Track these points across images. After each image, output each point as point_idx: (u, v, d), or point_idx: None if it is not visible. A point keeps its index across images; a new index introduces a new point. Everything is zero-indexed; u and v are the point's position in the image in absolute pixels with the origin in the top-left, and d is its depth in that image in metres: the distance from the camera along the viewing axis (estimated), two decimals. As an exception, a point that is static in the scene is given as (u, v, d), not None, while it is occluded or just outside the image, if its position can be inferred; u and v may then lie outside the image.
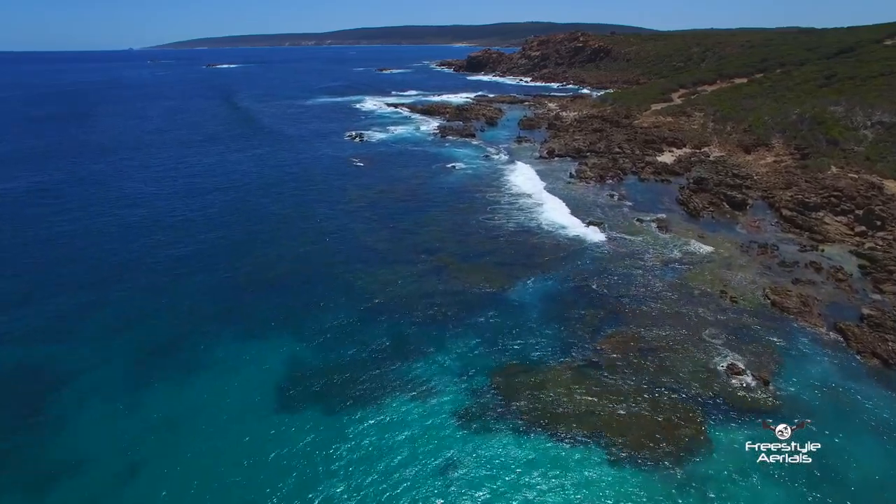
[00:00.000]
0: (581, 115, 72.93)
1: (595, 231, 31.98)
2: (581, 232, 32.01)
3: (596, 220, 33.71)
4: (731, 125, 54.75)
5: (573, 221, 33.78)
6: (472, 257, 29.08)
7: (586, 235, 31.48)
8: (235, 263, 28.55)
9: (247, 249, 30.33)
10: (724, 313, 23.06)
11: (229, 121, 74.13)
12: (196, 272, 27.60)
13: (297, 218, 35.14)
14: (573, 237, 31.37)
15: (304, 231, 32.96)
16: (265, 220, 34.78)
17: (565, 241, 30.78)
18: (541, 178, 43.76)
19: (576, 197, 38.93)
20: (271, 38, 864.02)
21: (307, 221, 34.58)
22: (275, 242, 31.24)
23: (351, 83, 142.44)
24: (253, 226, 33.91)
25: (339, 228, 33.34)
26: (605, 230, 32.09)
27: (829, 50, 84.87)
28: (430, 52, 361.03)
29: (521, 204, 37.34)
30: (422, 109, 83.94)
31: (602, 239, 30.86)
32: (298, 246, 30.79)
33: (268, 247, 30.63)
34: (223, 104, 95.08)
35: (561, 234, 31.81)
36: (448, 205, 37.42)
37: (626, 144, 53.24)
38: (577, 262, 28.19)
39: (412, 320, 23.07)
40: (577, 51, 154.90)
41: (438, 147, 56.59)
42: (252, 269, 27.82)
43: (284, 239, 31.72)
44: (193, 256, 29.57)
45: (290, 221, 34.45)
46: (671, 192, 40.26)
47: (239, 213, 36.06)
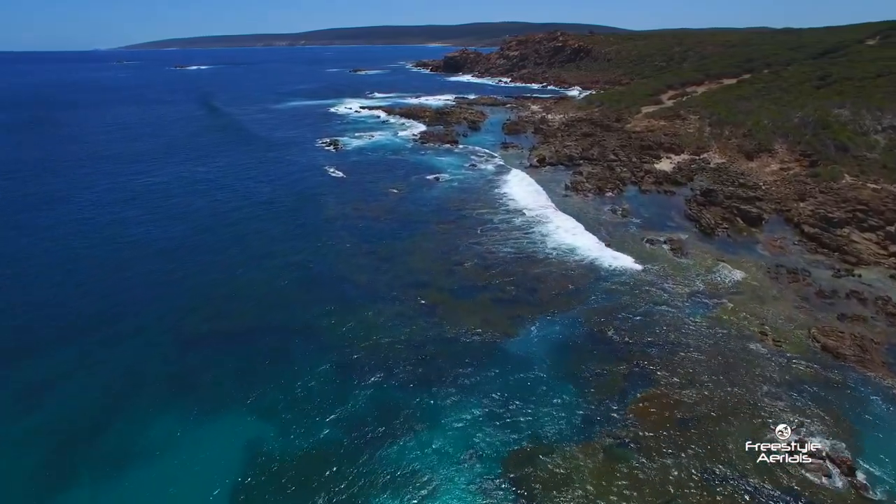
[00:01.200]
0: (568, 118, 69.48)
1: (603, 257, 28.11)
2: (587, 258, 28.12)
3: (602, 243, 29.85)
4: (730, 129, 51.76)
5: (577, 244, 29.88)
6: (467, 292, 24.91)
7: (594, 262, 27.59)
8: (183, 311, 23.75)
9: (198, 291, 25.50)
10: (770, 362, 19.36)
11: (191, 129, 68.21)
12: (131, 325, 22.67)
13: (261, 247, 30.38)
14: (579, 265, 27.45)
15: (268, 264, 28.27)
16: (222, 252, 29.93)
17: (571, 270, 26.83)
18: (534, 190, 39.84)
19: (575, 214, 35.08)
20: (244, 39, 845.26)
21: (273, 251, 29.87)
22: (232, 281, 26.47)
23: (325, 85, 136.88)
24: (207, 258, 29.00)
25: (311, 258, 28.77)
26: (614, 255, 28.24)
27: (814, 50, 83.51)
28: (405, 53, 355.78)
29: (516, 223, 33.32)
30: (400, 113, 79.48)
31: (613, 266, 27.00)
32: (262, 283, 26.15)
33: (224, 286, 25.85)
34: (186, 110, 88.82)
35: (565, 262, 27.85)
36: (435, 225, 33.16)
37: (620, 151, 49.76)
38: (587, 297, 24.25)
39: (400, 382, 18.77)
40: (557, 50, 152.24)
41: (419, 155, 52.28)
42: (204, 318, 23.07)
43: (245, 275, 26.99)
44: (129, 304, 24.63)
45: (253, 252, 29.65)
46: (678, 206, 36.76)
47: (191, 245, 30.93)
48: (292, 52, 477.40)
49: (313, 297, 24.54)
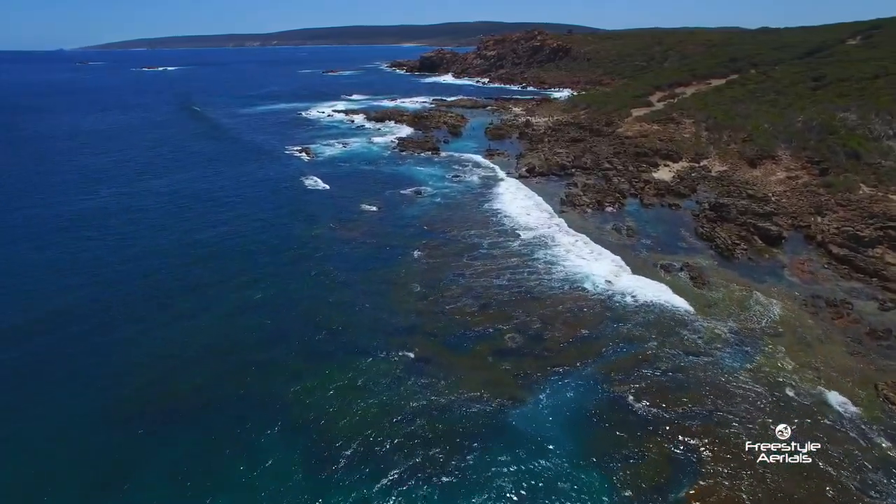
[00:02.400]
0: (553, 122, 65.93)
1: (615, 290, 24.25)
2: (598, 293, 24.22)
3: (612, 273, 26.00)
4: (728, 134, 48.79)
5: (583, 274, 25.98)
6: (460, 341, 20.74)
7: (606, 298, 23.71)
8: (112, 377, 19.03)
9: (133, 351, 20.75)
10: (843, 436, 15.69)
11: (146, 140, 61.73)
12: (37, 405, 17.82)
13: (215, 286, 25.57)
14: (589, 302, 23.53)
15: (222, 307, 23.57)
16: (168, 294, 25.10)
17: (580, 309, 22.89)
18: (527, 206, 35.89)
19: (573, 234, 31.24)
20: (214, 39, 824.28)
21: (229, 290, 25.15)
22: (179, 334, 21.72)
23: (296, 87, 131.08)
24: (143, 307, 24.17)
25: (276, 298, 24.16)
26: (628, 288, 24.40)
27: (799, 50, 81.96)
28: (379, 53, 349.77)
29: (511, 247, 29.27)
30: (375, 117, 74.85)
31: (628, 304, 23.16)
32: (214, 332, 21.50)
33: (166, 342, 21.07)
34: (144, 116, 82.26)
35: (572, 298, 23.91)
36: (418, 250, 28.89)
37: (615, 158, 46.26)
38: (603, 345, 20.33)
39: (387, 482, 14.47)
40: (535, 50, 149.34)
41: (398, 165, 47.89)
42: (139, 388, 18.36)
43: (193, 323, 22.26)
44: (44, 369, 19.75)
45: (205, 294, 24.83)
46: (686, 222, 33.28)
47: (125, 292, 25.92)
48: (264, 53, 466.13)
49: (279, 354, 20.02)
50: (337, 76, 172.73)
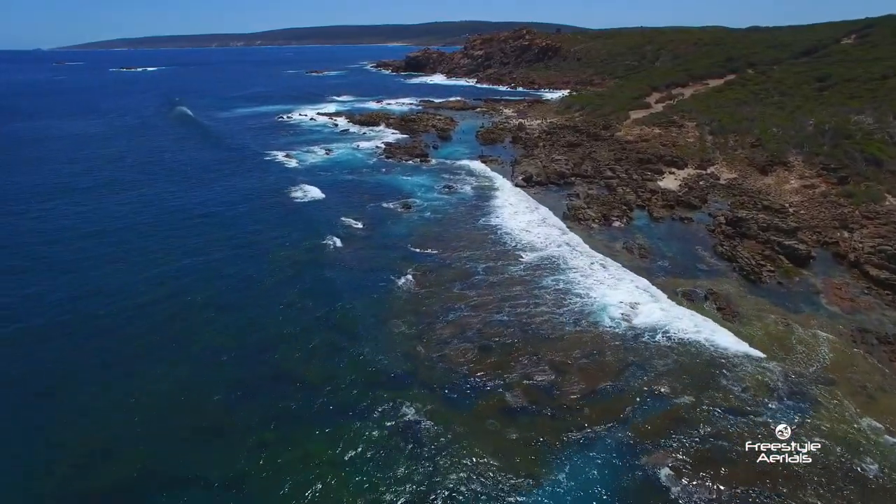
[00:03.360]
0: (547, 125, 62.90)
1: (636, 327, 21.08)
2: (615, 330, 21.03)
3: (628, 303, 22.84)
4: (734, 138, 46.07)
5: (596, 305, 22.80)
6: (460, 396, 17.41)
7: (626, 338, 20.54)
8: (34, 451, 15.41)
9: (64, 412, 17.09)
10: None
11: (113, 148, 56.61)
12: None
13: (169, 326, 21.93)
14: (606, 341, 20.33)
15: (176, 353, 19.96)
16: (112, 344, 21.44)
17: (597, 351, 19.68)
18: (528, 221, 32.65)
19: (581, 254, 28.08)
20: (197, 39, 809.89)
21: (186, 328, 21.54)
22: (122, 392, 18.06)
23: (279, 88, 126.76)
24: (86, 351, 20.42)
25: (241, 339, 20.58)
26: (650, 324, 21.25)
27: (795, 49, 79.93)
28: (364, 53, 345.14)
29: (512, 273, 25.98)
30: (360, 120, 71.25)
31: (652, 343, 20.01)
32: (165, 388, 17.88)
33: (107, 404, 17.42)
34: (115, 121, 77.48)
35: (584, 337, 20.70)
36: (407, 275, 25.48)
37: (617, 166, 43.26)
38: (626, 401, 17.12)
39: None
40: (524, 49, 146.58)
41: (384, 174, 44.42)
42: (66, 469, 14.80)
43: (141, 377, 18.63)
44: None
45: (156, 335, 21.15)
46: (702, 238, 30.31)
47: (57, 337, 22.24)
48: (248, 53, 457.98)
49: (243, 417, 16.47)
50: (321, 77, 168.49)
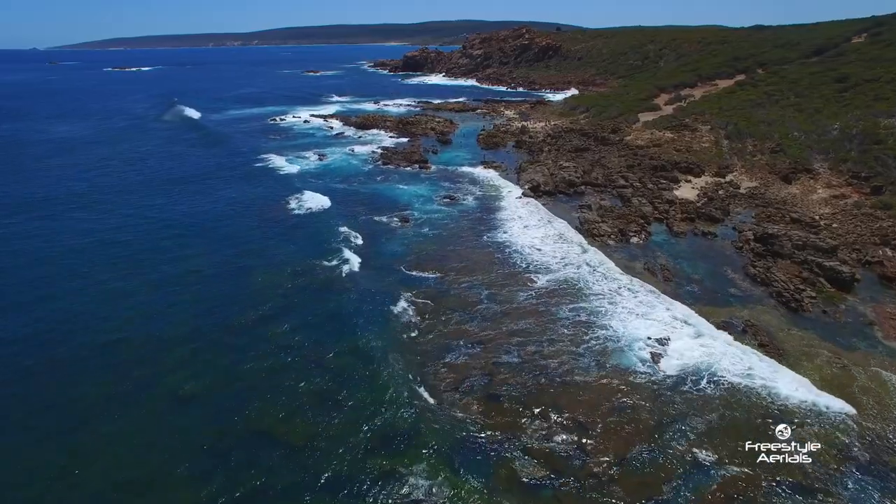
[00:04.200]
0: (551, 127, 60.12)
1: (667, 371, 18.26)
2: (645, 372, 18.24)
3: (657, 339, 20.03)
4: (753, 143, 43.36)
5: (623, 340, 19.99)
6: (469, 461, 14.58)
7: (657, 381, 17.75)
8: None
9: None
10: None
11: (95, 154, 53.18)
12: None
13: (128, 375, 19.05)
14: (635, 389, 17.54)
15: (133, 410, 17.13)
16: (60, 401, 18.59)
17: (625, 404, 16.88)
18: (540, 237, 29.82)
19: (604, 277, 25.27)
20: (194, 39, 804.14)
21: (147, 377, 18.69)
22: (68, 459, 15.21)
23: (273, 89, 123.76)
24: (22, 412, 17.58)
25: (210, 390, 17.72)
26: (686, 366, 18.46)
27: (805, 48, 77.22)
28: (362, 52, 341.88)
29: (522, 301, 23.14)
30: (356, 123, 68.37)
31: (691, 391, 17.21)
32: (121, 455, 15.08)
33: (45, 481, 14.63)
34: (101, 125, 74.32)
35: (611, 384, 17.90)
36: (403, 303, 22.64)
37: (629, 173, 40.48)
38: (666, 471, 14.31)
39: None
40: (524, 49, 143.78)
41: (380, 182, 41.58)
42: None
43: (92, 444, 15.79)
44: None
45: (116, 387, 18.29)
46: (729, 257, 27.54)
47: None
48: (244, 53, 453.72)
49: (211, 495, 13.71)
50: (318, 77, 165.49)
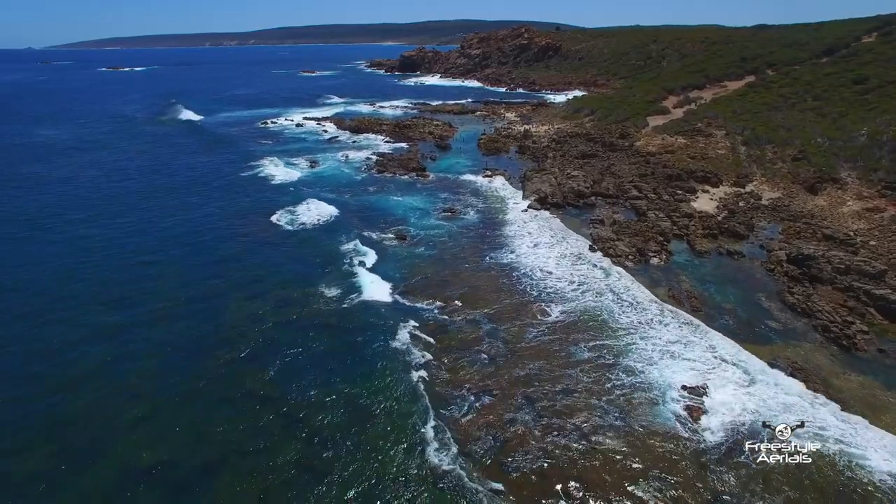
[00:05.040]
0: (555, 131, 57.40)
1: (716, 430, 15.50)
2: (687, 436, 15.47)
3: (693, 390, 17.27)
4: (772, 150, 40.68)
5: (657, 388, 17.25)
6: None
7: (702, 445, 14.99)
8: None
9: None
10: None
11: (69, 163, 50.15)
12: None
13: (75, 433, 16.18)
14: (673, 458, 14.79)
15: (76, 475, 14.32)
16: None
17: (658, 475, 14.16)
18: (551, 257, 27.04)
19: (630, 306, 22.51)
20: (191, 38, 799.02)
21: (95, 436, 15.85)
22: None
23: (267, 90, 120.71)
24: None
25: (174, 447, 14.98)
26: (736, 419, 15.71)
27: (815, 48, 74.66)
28: (359, 52, 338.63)
29: (535, 337, 20.39)
30: (350, 126, 65.45)
31: (746, 461, 14.47)
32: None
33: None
34: (83, 128, 71.07)
35: (642, 450, 15.16)
36: (397, 342, 19.88)
37: (643, 183, 37.76)
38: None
39: None
40: (523, 48, 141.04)
41: (374, 194, 38.74)
42: None
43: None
44: None
45: (59, 452, 15.42)
46: (760, 281, 24.84)
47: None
48: (241, 53, 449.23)
49: None
50: (313, 77, 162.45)
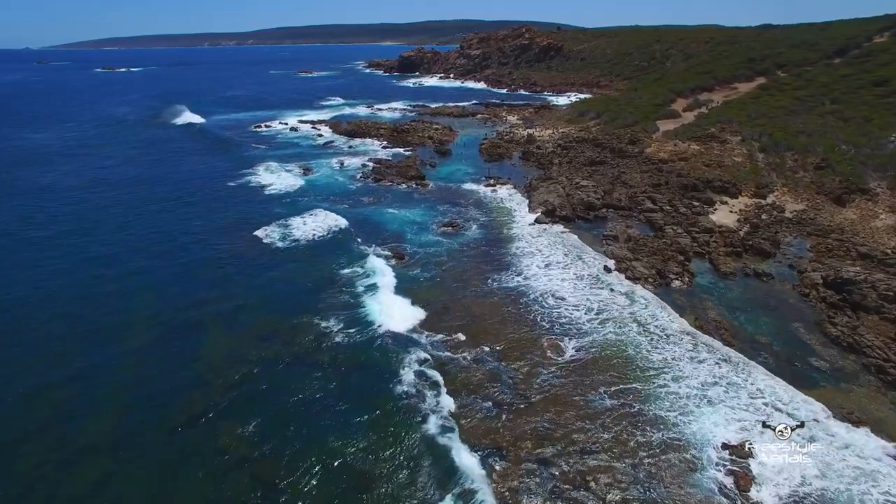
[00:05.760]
0: (559, 136, 55.04)
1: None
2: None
3: (737, 450, 14.90)
4: (793, 158, 38.33)
5: (690, 447, 14.88)
6: None
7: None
8: None
9: None
10: None
11: (42, 172, 47.99)
12: None
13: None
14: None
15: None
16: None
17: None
18: (566, 279, 24.63)
19: (658, 337, 20.13)
20: (189, 39, 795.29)
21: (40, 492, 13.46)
22: None
23: (262, 91, 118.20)
24: None
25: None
26: (805, 489, 13.35)
27: (827, 48, 72.33)
28: (357, 52, 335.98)
29: (541, 381, 18.01)
30: (347, 130, 63.00)
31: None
32: None
33: None
34: (69, 132, 68.25)
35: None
36: (394, 394, 17.51)
37: (656, 193, 35.40)
38: None
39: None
40: (523, 49, 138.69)
41: (370, 205, 36.35)
42: None
43: None
44: None
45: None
46: (794, 307, 22.47)
47: None
48: (239, 53, 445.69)
49: None
50: (311, 78, 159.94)
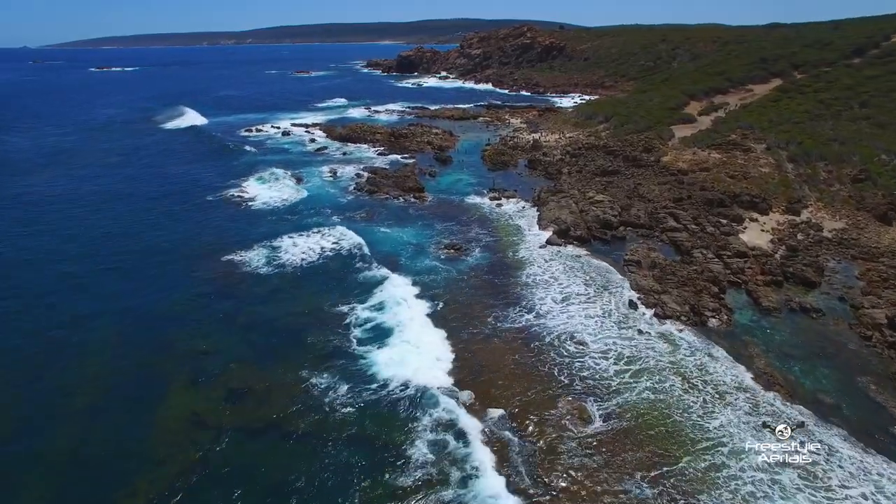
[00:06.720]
0: (567, 141, 51.77)
1: None
2: None
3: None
4: (826, 169, 35.09)
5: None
6: None
7: None
8: None
9: None
10: None
11: (3, 187, 45.53)
12: None
13: None
14: None
15: None
16: None
17: None
18: (582, 316, 21.36)
19: (711, 395, 16.87)
20: (188, 38, 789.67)
21: None
22: None
23: (257, 92, 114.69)
24: None
25: None
26: None
27: (843, 48, 69.10)
28: (356, 51, 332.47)
29: (567, 462, 14.74)
30: (341, 135, 59.66)
31: None
32: None
33: None
34: (46, 137, 64.54)
35: None
36: (388, 472, 14.26)
37: (678, 209, 32.12)
38: None
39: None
40: (525, 48, 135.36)
41: (362, 222, 33.06)
42: None
43: None
44: None
45: None
46: (854, 353, 19.25)
47: None
48: (238, 52, 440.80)
49: None
50: (308, 78, 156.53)
